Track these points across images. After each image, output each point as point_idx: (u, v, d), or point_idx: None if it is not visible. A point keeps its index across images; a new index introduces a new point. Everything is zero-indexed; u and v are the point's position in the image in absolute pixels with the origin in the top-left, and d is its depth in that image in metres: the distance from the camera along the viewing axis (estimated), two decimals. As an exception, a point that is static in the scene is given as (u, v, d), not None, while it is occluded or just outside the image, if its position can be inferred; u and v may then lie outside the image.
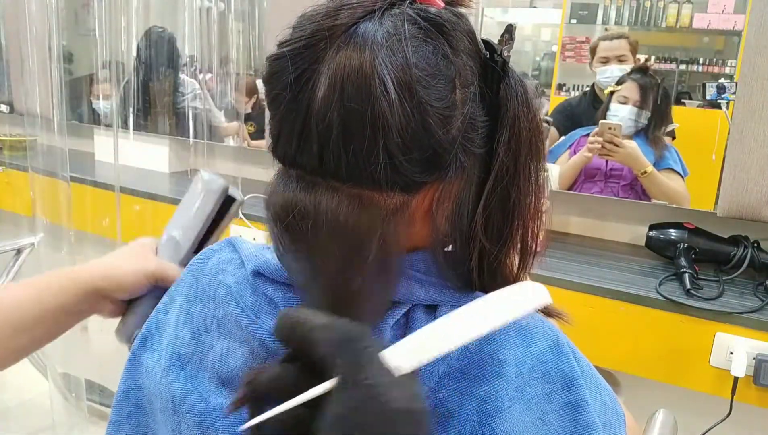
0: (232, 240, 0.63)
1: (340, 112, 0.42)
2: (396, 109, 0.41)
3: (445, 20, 0.45)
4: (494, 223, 0.50)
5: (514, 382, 0.47)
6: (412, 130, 0.42)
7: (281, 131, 0.46)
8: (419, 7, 0.45)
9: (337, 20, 0.43)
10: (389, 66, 0.41)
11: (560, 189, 1.68)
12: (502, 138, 0.49)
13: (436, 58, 0.43)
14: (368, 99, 0.41)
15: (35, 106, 2.09)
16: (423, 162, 0.44)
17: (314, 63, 0.43)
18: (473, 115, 0.47)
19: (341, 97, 0.42)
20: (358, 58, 0.42)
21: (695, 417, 1.21)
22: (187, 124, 2.08)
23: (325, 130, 0.43)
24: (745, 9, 1.40)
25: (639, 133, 1.60)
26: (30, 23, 1.98)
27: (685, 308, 1.19)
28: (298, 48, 0.44)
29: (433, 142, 0.44)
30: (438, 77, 0.43)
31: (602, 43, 1.64)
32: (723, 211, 1.38)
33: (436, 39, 0.44)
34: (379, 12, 0.43)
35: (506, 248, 0.52)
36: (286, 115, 0.45)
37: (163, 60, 2.18)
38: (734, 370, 1.14)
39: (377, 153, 0.42)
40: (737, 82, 1.35)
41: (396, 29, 0.43)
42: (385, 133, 0.42)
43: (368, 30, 0.42)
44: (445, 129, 0.44)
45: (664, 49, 1.61)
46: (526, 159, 0.50)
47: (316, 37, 0.43)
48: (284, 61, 0.44)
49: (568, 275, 1.29)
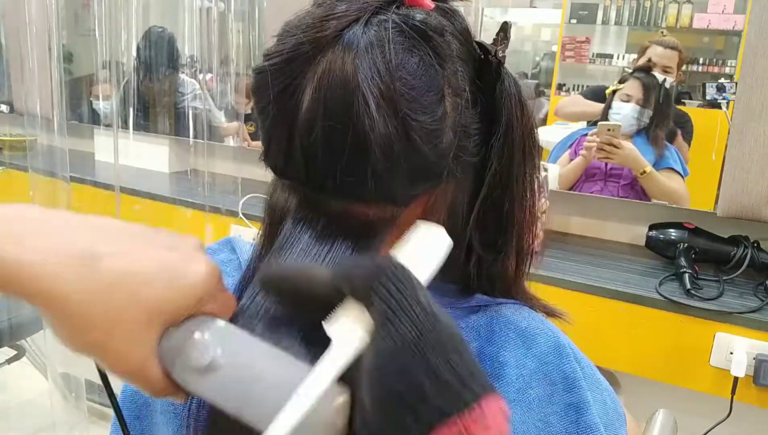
0: (231, 240, 0.62)
1: (324, 129, 0.40)
2: (378, 126, 0.40)
3: (432, 27, 0.42)
4: (489, 230, 0.50)
5: (515, 384, 0.47)
6: (397, 147, 0.40)
7: (270, 142, 0.45)
8: (406, 13, 0.42)
9: (320, 32, 0.41)
10: (371, 80, 0.40)
11: (560, 189, 1.68)
12: (496, 144, 0.48)
13: (422, 68, 0.41)
14: (350, 116, 0.40)
15: (35, 106, 2.09)
16: (411, 177, 0.43)
17: (297, 77, 0.41)
18: (466, 123, 0.45)
19: (324, 113, 0.40)
20: (340, 71, 0.40)
21: (695, 417, 1.21)
22: (187, 124, 2.07)
23: (310, 146, 0.41)
24: (745, 9, 1.40)
25: (640, 132, 1.60)
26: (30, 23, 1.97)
27: (685, 308, 1.19)
28: (279, 62, 0.42)
29: (420, 157, 0.42)
30: (423, 90, 0.41)
31: (655, 48, 1.60)
32: (723, 211, 1.38)
33: (423, 48, 0.42)
34: (363, 20, 0.41)
35: (502, 254, 0.51)
36: (273, 127, 0.44)
37: (163, 60, 2.18)
38: (734, 370, 1.14)
39: (362, 170, 0.41)
40: (737, 82, 1.35)
41: (380, 40, 0.40)
42: (368, 151, 0.40)
43: (351, 41, 0.40)
44: (432, 143, 0.42)
45: (664, 49, 1.61)
46: (519, 164, 0.49)
47: (298, 51, 0.41)
48: (266, 75, 0.42)
49: (568, 275, 1.29)
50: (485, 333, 0.50)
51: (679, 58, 1.58)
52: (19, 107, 2.34)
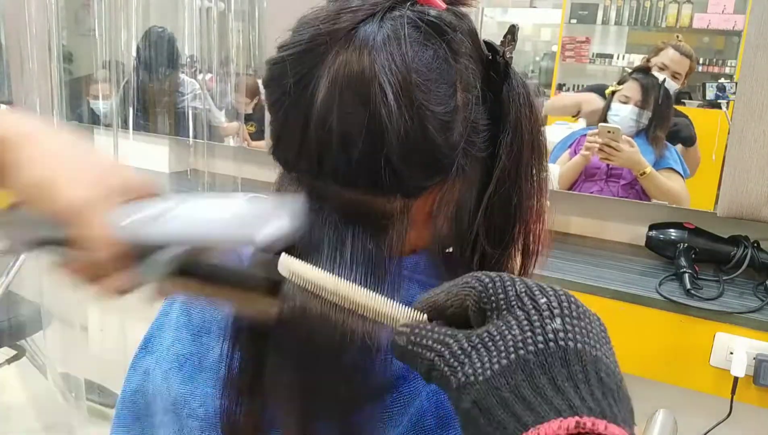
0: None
1: (340, 119, 0.41)
2: (395, 115, 0.41)
3: (446, 23, 0.44)
4: (496, 226, 0.50)
5: None
6: (412, 136, 0.42)
7: (281, 135, 0.46)
8: (420, 9, 0.44)
9: (336, 24, 0.42)
10: (388, 71, 0.41)
11: (560, 189, 1.68)
12: (505, 141, 0.48)
13: (436, 62, 0.43)
14: (367, 105, 0.41)
15: (35, 106, 2.09)
16: (423, 167, 0.44)
17: (313, 68, 0.42)
18: (475, 119, 0.46)
19: (340, 103, 0.41)
20: (357, 64, 0.41)
21: (695, 417, 1.21)
22: (187, 124, 2.07)
23: (324, 136, 0.42)
24: (745, 9, 1.40)
25: (640, 133, 1.59)
26: (30, 23, 1.98)
27: (685, 308, 1.19)
28: (297, 53, 0.43)
29: (434, 148, 0.43)
30: (438, 82, 0.43)
31: (671, 51, 1.58)
32: (723, 211, 1.38)
33: (437, 42, 0.43)
34: (379, 15, 0.43)
35: (508, 251, 0.52)
36: (286, 119, 0.45)
37: (163, 60, 2.18)
38: (734, 370, 1.14)
39: (376, 159, 0.42)
40: (737, 82, 1.35)
41: (396, 33, 0.42)
42: (383, 140, 0.41)
43: (368, 34, 0.42)
44: (445, 134, 0.43)
45: (664, 49, 1.60)
46: (528, 161, 0.50)
47: (315, 42, 0.42)
48: (283, 66, 0.43)
49: (568, 275, 1.29)
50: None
51: (690, 66, 1.58)
52: (19, 107, 2.34)
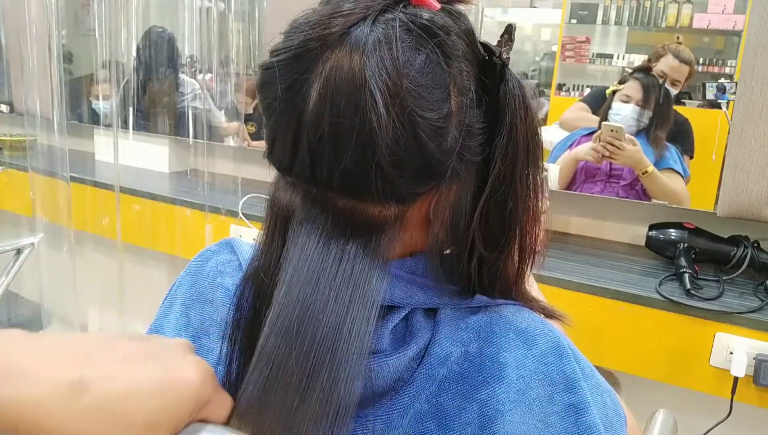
0: (231, 241, 0.62)
1: (331, 125, 0.41)
2: (385, 123, 0.40)
3: (438, 25, 0.43)
4: (492, 230, 0.50)
5: (515, 385, 0.47)
6: (403, 143, 0.41)
7: (275, 139, 0.45)
8: (413, 12, 0.43)
9: (327, 29, 0.41)
10: (379, 77, 0.40)
11: (560, 188, 1.68)
12: (500, 144, 0.48)
13: (428, 66, 0.42)
14: (357, 112, 0.40)
15: (35, 106, 2.09)
16: (416, 174, 0.43)
17: (305, 73, 0.42)
18: (470, 123, 0.46)
19: (331, 109, 0.40)
20: (348, 69, 0.40)
21: (695, 417, 1.21)
22: (187, 124, 2.07)
23: (316, 142, 0.42)
24: (745, 9, 1.39)
25: (640, 133, 1.59)
26: (30, 23, 1.98)
27: (685, 308, 1.19)
28: (287, 58, 0.42)
29: (426, 154, 0.42)
30: (430, 87, 0.42)
31: (671, 59, 1.57)
32: (723, 211, 1.38)
33: (429, 46, 0.42)
34: (371, 18, 0.42)
35: (505, 253, 0.52)
36: (279, 124, 0.44)
37: (163, 60, 2.18)
38: (734, 370, 1.14)
39: (368, 167, 0.41)
40: (737, 82, 1.35)
41: (387, 38, 0.41)
42: (375, 148, 0.40)
43: (359, 39, 0.41)
44: (438, 140, 0.42)
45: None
46: (523, 165, 0.49)
47: (306, 48, 0.42)
48: (273, 72, 0.43)
49: (568, 275, 1.29)
50: (485, 334, 0.50)
51: (689, 71, 1.57)
52: (19, 107, 2.34)
